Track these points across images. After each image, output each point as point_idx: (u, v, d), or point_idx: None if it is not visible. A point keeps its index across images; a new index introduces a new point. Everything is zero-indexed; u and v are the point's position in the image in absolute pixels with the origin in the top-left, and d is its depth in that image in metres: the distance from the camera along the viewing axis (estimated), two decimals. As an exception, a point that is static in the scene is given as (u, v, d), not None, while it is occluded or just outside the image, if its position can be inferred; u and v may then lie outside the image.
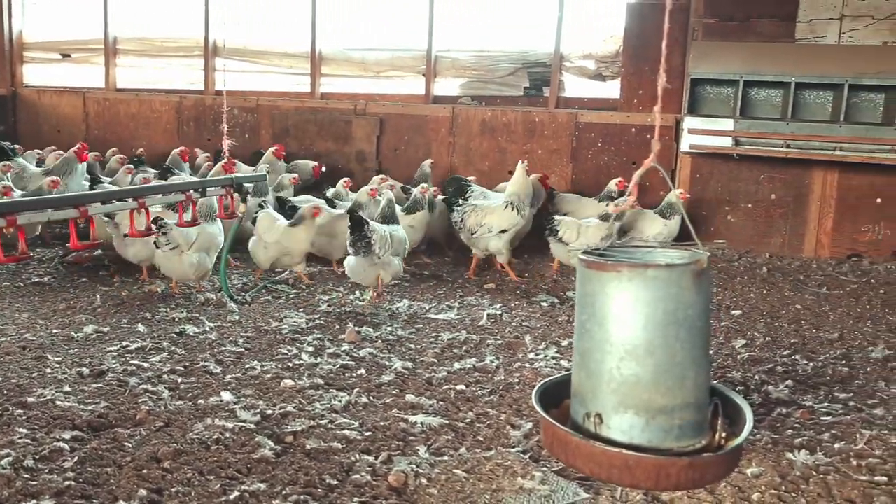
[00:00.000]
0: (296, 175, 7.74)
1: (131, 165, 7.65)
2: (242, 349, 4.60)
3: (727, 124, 7.54)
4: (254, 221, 6.17)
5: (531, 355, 4.65)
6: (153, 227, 5.33)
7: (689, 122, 7.64)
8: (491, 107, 8.94)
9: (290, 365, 4.34)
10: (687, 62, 7.86)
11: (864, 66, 7.29)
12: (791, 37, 7.86)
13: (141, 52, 10.29)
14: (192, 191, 5.24)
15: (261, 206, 6.35)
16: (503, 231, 6.48)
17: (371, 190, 6.88)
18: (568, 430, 2.64)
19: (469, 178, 7.19)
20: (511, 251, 6.75)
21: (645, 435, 2.56)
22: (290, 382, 4.04)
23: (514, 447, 3.41)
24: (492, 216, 6.50)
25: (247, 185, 5.66)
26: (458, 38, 9.25)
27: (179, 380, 4.06)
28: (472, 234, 6.58)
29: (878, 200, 6.99)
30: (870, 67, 7.25)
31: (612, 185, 7.45)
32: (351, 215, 5.53)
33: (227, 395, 3.83)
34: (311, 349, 4.61)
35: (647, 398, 2.54)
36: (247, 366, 4.29)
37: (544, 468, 3.19)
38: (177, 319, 5.14)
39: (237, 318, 5.23)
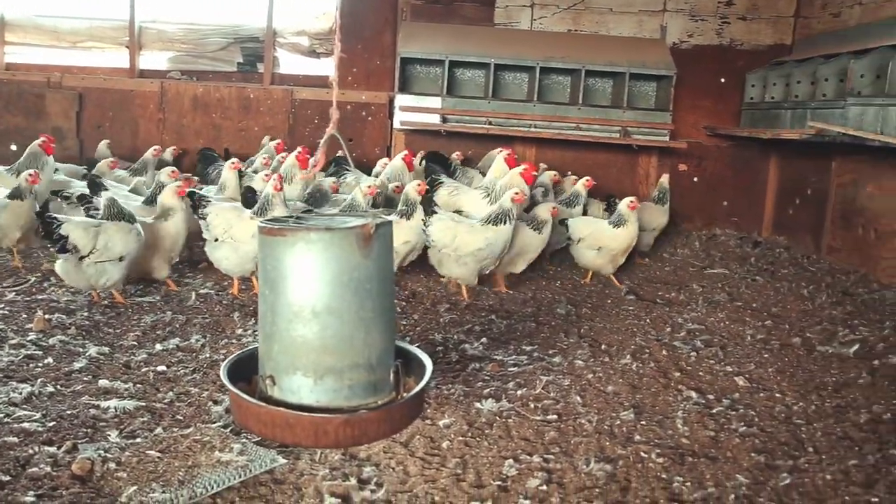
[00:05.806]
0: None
1: None
2: None
3: (435, 102, 7.90)
4: None
5: (239, 331, 4.60)
6: None
7: (401, 100, 7.90)
8: (203, 82, 8.62)
9: (-37, 361, 3.91)
10: (397, 42, 8.12)
11: (552, 50, 8.00)
12: (491, 21, 8.43)
13: None
14: None
15: None
16: None
17: None
18: (239, 393, 2.63)
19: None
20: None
21: (313, 395, 2.61)
22: (-41, 379, 3.65)
23: (214, 423, 3.37)
24: None
25: None
26: (165, 9, 8.78)
27: None
28: None
29: (570, 173, 7.71)
30: (557, 52, 7.98)
31: None
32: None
33: None
34: (-11, 342, 4.18)
35: (315, 359, 2.59)
36: None
37: (244, 440, 3.17)
38: None
39: None
